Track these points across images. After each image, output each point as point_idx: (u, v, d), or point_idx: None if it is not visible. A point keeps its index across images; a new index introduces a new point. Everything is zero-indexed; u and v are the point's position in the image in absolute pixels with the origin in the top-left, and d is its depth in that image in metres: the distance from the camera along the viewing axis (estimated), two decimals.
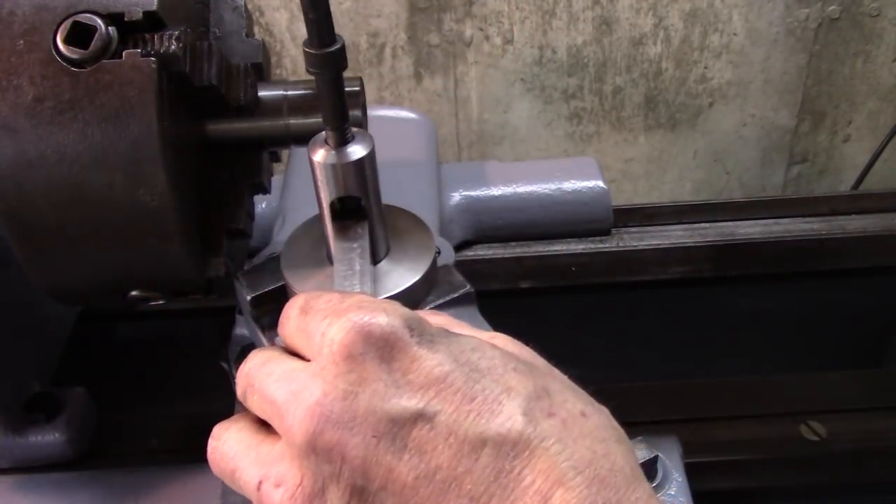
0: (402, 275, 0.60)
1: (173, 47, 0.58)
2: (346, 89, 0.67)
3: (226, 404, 0.61)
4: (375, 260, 0.60)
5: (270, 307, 0.62)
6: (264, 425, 0.50)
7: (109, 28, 0.57)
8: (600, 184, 1.11)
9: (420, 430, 0.44)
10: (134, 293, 0.66)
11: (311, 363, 0.48)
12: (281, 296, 0.62)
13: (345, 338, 0.46)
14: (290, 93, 0.68)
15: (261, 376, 0.50)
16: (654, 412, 0.94)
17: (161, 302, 0.67)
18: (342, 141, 0.56)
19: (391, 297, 0.57)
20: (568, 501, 0.42)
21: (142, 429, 0.91)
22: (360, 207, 0.58)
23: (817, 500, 1.04)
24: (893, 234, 1.13)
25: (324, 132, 0.56)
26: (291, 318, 0.51)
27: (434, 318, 0.52)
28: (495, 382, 0.46)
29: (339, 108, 0.54)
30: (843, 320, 1.22)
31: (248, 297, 0.62)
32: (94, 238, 0.61)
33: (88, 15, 0.57)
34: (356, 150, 0.56)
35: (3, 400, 0.83)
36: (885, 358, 1.23)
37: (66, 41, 0.57)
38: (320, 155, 0.56)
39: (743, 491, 0.99)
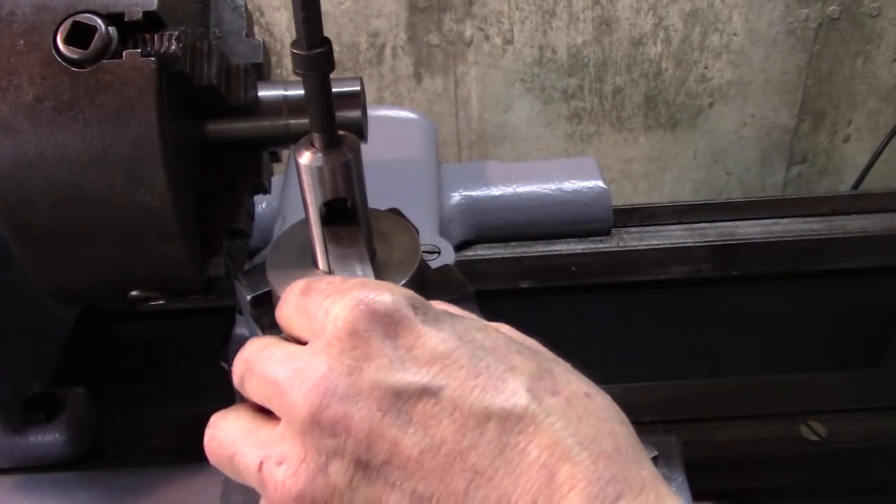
0: (390, 278, 0.59)
1: (173, 47, 0.58)
2: (347, 89, 0.68)
3: (225, 404, 0.61)
4: None
5: (270, 307, 0.62)
6: (262, 412, 0.50)
7: (109, 28, 0.57)
8: (600, 184, 1.11)
9: (425, 404, 0.44)
10: (134, 293, 0.66)
11: (313, 342, 0.48)
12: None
13: (349, 315, 0.46)
14: (290, 93, 0.68)
15: (260, 359, 0.50)
16: (654, 412, 0.94)
17: (161, 302, 0.67)
18: (329, 143, 0.55)
19: None
20: (574, 476, 0.42)
21: (142, 429, 0.91)
22: (347, 211, 0.57)
23: (817, 500, 1.04)
24: (893, 234, 1.13)
25: (309, 135, 0.55)
26: (291, 300, 0.51)
27: (439, 307, 0.52)
28: (499, 361, 0.46)
29: (326, 110, 0.54)
30: (843, 320, 1.22)
31: (248, 297, 0.61)
32: (94, 238, 0.61)
33: (88, 15, 0.57)
34: (343, 153, 0.55)
35: (3, 400, 0.83)
36: (885, 358, 1.23)
37: (66, 41, 0.57)
38: (307, 158, 0.55)
39: (743, 491, 0.99)
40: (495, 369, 0.45)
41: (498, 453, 0.43)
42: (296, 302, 0.50)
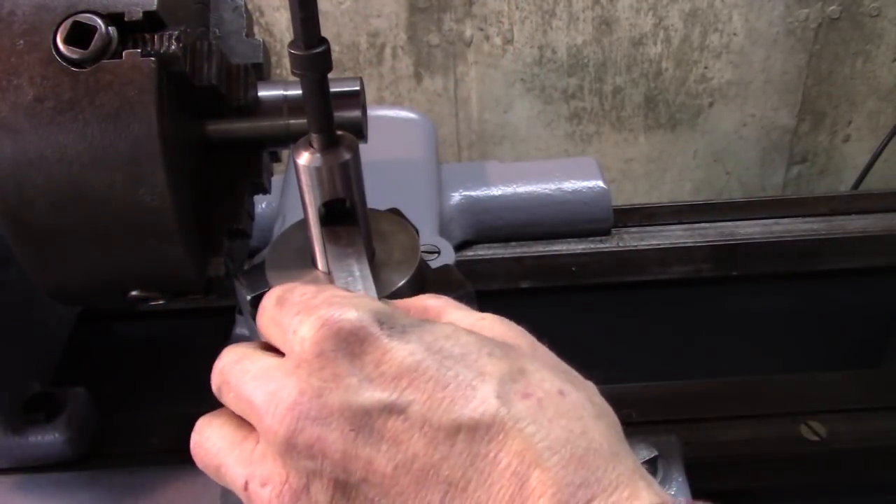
0: (388, 278, 0.59)
1: (173, 47, 0.58)
2: (346, 89, 0.68)
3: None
4: None
5: None
6: (244, 420, 0.51)
7: (109, 28, 0.57)
8: (600, 184, 1.11)
9: (395, 420, 0.45)
10: (134, 293, 0.66)
11: (285, 360, 0.49)
12: None
13: (315, 335, 0.47)
14: (290, 93, 0.68)
15: (236, 373, 0.50)
16: (654, 412, 0.94)
17: (161, 302, 0.67)
18: (327, 143, 0.55)
19: None
20: (544, 482, 0.42)
21: (142, 429, 0.91)
22: (346, 211, 0.57)
23: (817, 500, 1.04)
24: (893, 234, 1.13)
25: (307, 135, 0.55)
26: (267, 309, 0.51)
27: (433, 301, 0.53)
28: (468, 368, 0.46)
29: (324, 110, 0.54)
30: (843, 320, 1.22)
31: (248, 297, 0.61)
32: (94, 238, 0.61)
33: (88, 15, 0.57)
34: (342, 153, 0.55)
35: (3, 400, 0.83)
36: (885, 358, 1.23)
37: (66, 41, 0.57)
38: (305, 158, 0.55)
39: (743, 491, 0.99)
40: (464, 378, 0.46)
41: (469, 464, 0.44)
42: (271, 313, 0.51)
